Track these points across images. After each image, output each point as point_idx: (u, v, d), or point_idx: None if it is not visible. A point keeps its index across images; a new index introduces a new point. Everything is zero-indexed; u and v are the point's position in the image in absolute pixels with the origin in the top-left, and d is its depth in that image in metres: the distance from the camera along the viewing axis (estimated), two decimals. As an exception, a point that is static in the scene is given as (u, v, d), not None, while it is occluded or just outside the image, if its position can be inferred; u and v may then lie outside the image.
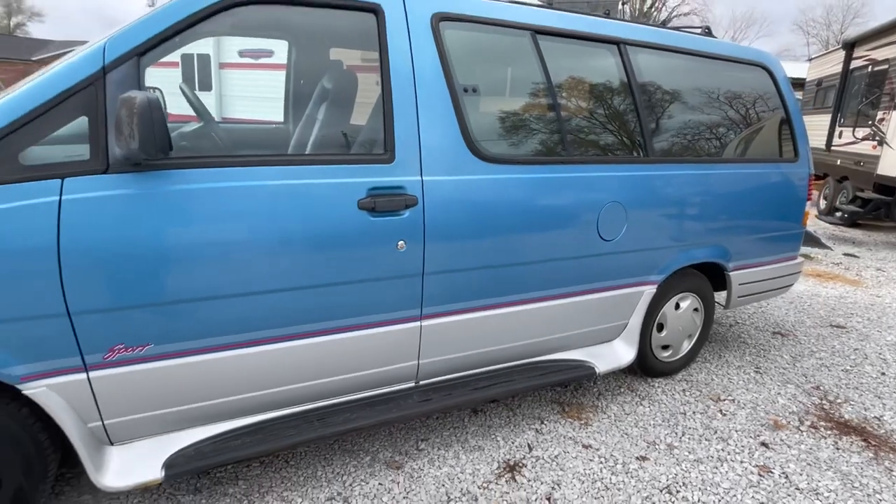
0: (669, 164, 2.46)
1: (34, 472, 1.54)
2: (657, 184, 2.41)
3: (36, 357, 1.45)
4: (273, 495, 1.88)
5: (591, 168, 2.22)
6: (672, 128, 2.54)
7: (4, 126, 1.35)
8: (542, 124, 2.19)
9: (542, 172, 2.09)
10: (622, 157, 2.36)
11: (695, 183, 2.54)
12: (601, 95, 2.37)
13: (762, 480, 2.10)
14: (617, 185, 2.28)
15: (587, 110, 2.33)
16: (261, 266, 1.64)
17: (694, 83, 2.65)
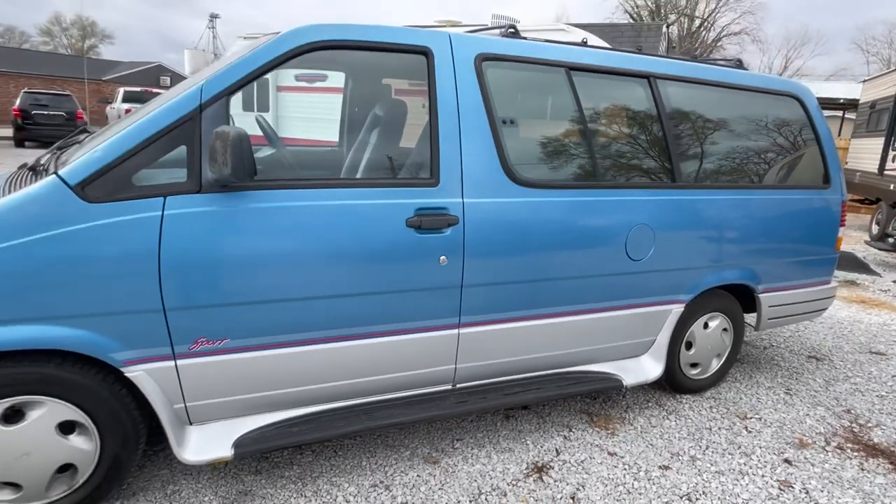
0: (697, 190, 2.60)
1: (128, 444, 1.82)
2: (684, 208, 2.55)
3: (135, 345, 1.73)
4: (323, 479, 2.10)
5: (620, 192, 2.39)
6: (700, 155, 2.69)
7: (122, 154, 1.66)
8: (574, 151, 2.39)
9: (572, 196, 2.28)
10: (650, 182, 2.52)
11: (722, 208, 2.66)
12: (631, 125, 2.54)
13: (782, 494, 2.19)
14: (645, 209, 2.45)
15: (617, 138, 2.51)
16: (323, 274, 1.89)
17: (722, 113, 2.79)
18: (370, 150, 2.37)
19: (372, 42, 2.00)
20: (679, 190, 2.55)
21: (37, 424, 1.68)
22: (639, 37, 10.06)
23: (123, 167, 1.66)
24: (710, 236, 2.66)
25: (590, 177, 2.37)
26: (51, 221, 1.58)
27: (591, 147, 2.38)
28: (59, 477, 1.77)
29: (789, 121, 3.00)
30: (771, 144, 2.93)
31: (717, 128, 2.77)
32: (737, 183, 2.77)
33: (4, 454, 1.66)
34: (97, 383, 1.73)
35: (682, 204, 2.55)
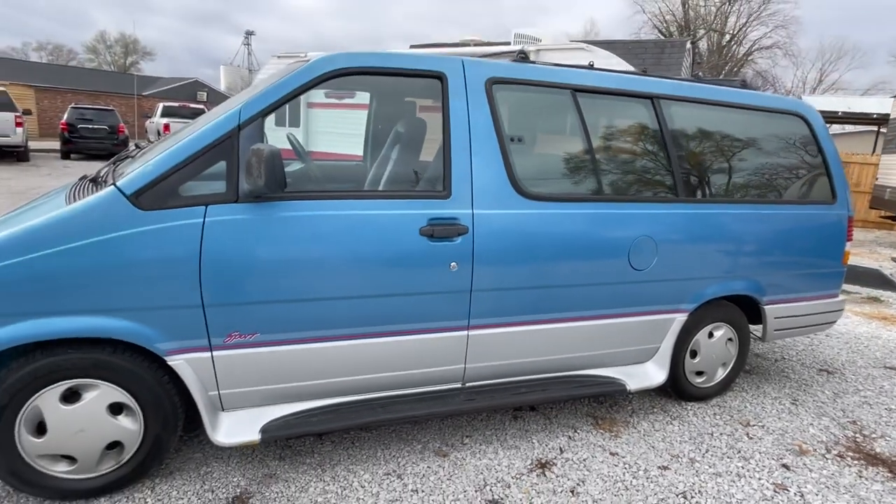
0: (699, 204, 2.73)
1: (168, 426, 2.04)
2: (686, 221, 2.68)
3: (177, 337, 1.95)
4: (341, 467, 2.29)
5: (622, 206, 2.54)
6: (701, 171, 2.82)
7: (171, 167, 1.89)
8: (578, 167, 2.55)
9: (576, 208, 2.44)
10: (653, 196, 2.66)
11: (724, 222, 2.78)
12: (633, 142, 2.69)
13: (776, 496, 2.29)
14: (647, 222, 2.59)
15: (620, 155, 2.66)
16: (344, 277, 2.09)
17: (725, 131, 2.92)
18: (391, 165, 2.58)
19: (392, 68, 2.22)
20: (681, 204, 2.69)
21: (91, 405, 1.91)
22: (662, 53, 10.16)
23: (172, 179, 1.89)
24: (711, 249, 2.77)
25: (593, 191, 2.53)
26: (109, 226, 1.82)
27: (595, 163, 2.54)
28: (108, 453, 1.99)
29: (794, 139, 3.10)
30: (774, 161, 3.04)
31: (719, 145, 2.90)
32: (739, 198, 2.88)
33: (63, 430, 1.89)
34: (143, 370, 1.95)
35: (683, 218, 2.68)
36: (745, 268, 2.90)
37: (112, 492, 2.03)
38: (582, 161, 2.55)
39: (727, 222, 2.80)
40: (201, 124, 2.04)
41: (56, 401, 1.88)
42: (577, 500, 2.17)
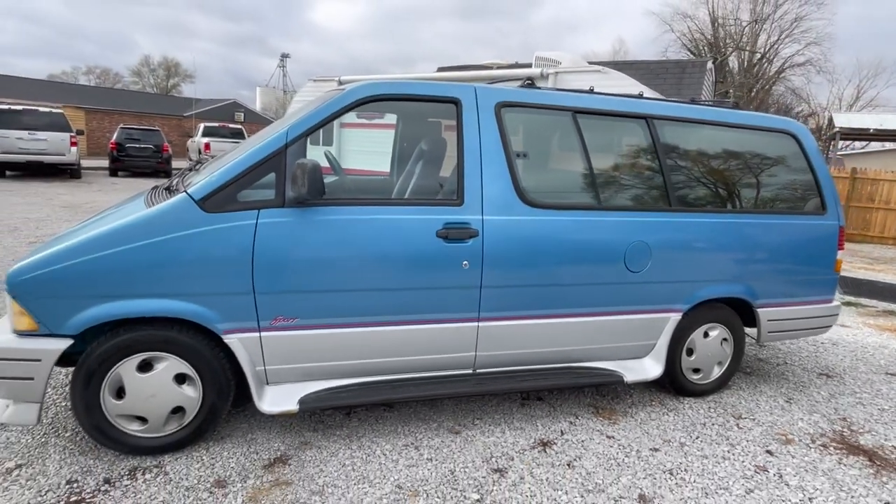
0: (690, 213, 3.02)
1: (222, 395, 2.41)
2: (679, 229, 2.97)
3: (232, 319, 2.34)
4: (366, 438, 2.62)
5: (618, 214, 2.85)
6: (693, 183, 3.10)
7: (232, 178, 2.29)
8: (578, 179, 2.87)
9: (575, 216, 2.76)
10: (647, 205, 2.96)
11: (715, 229, 3.05)
12: (629, 157, 3.01)
13: (756, 475, 2.53)
14: (642, 229, 2.88)
15: (616, 169, 2.98)
16: (371, 272, 2.45)
17: (717, 147, 3.20)
18: (415, 177, 2.95)
19: (415, 95, 2.60)
20: (673, 213, 2.98)
21: (161, 374, 2.31)
22: (683, 73, 10.39)
23: (232, 188, 2.29)
24: (702, 254, 3.04)
25: (591, 200, 2.84)
26: (181, 225, 2.22)
27: (593, 175, 2.87)
28: (172, 416, 2.38)
29: (784, 154, 3.36)
30: (763, 175, 3.30)
31: (710, 160, 3.18)
32: (728, 208, 3.15)
33: (138, 394, 2.28)
34: (203, 347, 2.34)
35: (675, 225, 2.97)
36: (737, 272, 3.16)
37: (174, 451, 2.41)
38: (581, 174, 2.87)
39: (717, 230, 3.07)
40: (254, 143, 2.45)
41: (133, 370, 2.28)
42: (572, 472, 2.46)
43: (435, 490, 2.27)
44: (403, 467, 2.42)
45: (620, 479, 2.43)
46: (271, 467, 2.36)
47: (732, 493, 2.38)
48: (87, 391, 2.24)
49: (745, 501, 2.32)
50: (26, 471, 2.23)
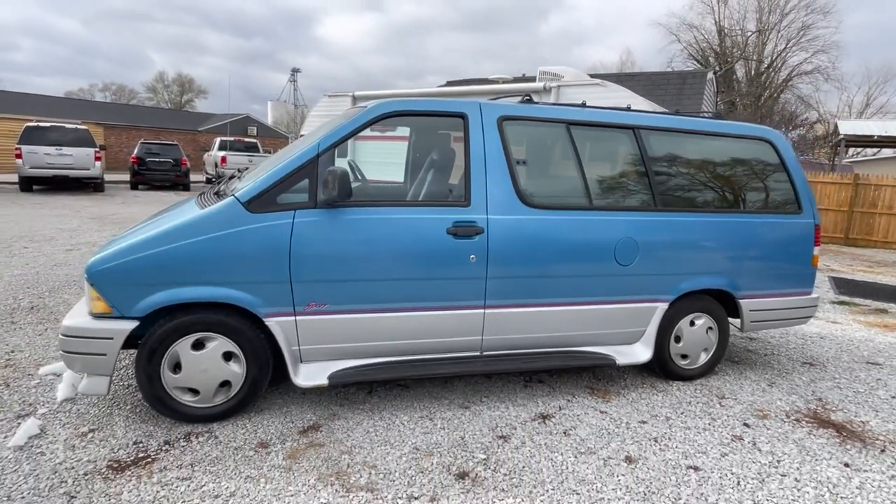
0: (674, 213, 3.36)
1: (262, 371, 2.78)
2: (663, 227, 3.32)
3: (272, 304, 2.71)
4: (387, 412, 2.98)
5: (608, 213, 3.21)
6: (676, 186, 3.45)
7: (273, 183, 2.68)
8: (572, 183, 3.23)
9: (570, 215, 3.12)
10: (634, 206, 3.31)
11: (696, 227, 3.40)
12: (618, 163, 3.37)
13: (732, 442, 2.85)
14: (630, 226, 3.24)
15: (606, 173, 3.34)
16: (390, 264, 2.82)
17: (699, 153, 3.55)
18: (427, 183, 3.32)
19: (428, 110, 2.99)
20: (659, 212, 3.33)
21: (211, 352, 2.69)
22: (684, 84, 10.75)
23: (273, 191, 2.68)
24: (686, 249, 3.38)
25: (584, 201, 3.20)
26: (230, 223, 2.61)
27: (585, 179, 3.23)
28: (220, 389, 2.75)
29: (762, 159, 3.71)
30: (742, 178, 3.65)
31: (692, 165, 3.53)
32: (709, 208, 3.49)
33: (194, 368, 2.66)
34: (247, 328, 2.72)
35: (661, 224, 3.32)
36: (718, 266, 3.49)
37: (222, 420, 2.78)
38: (574, 178, 3.23)
39: (699, 228, 3.41)
40: (289, 154, 2.84)
41: (188, 347, 2.66)
42: (567, 439, 2.80)
43: (447, 451, 2.62)
44: (420, 434, 2.77)
45: (610, 445, 2.76)
46: (306, 433, 2.72)
47: (709, 455, 2.71)
48: (150, 365, 2.62)
49: (720, 462, 2.65)
50: (98, 434, 2.62)
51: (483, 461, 2.55)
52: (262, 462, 2.45)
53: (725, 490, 2.42)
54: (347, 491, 2.27)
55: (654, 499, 2.33)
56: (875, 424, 3.17)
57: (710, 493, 2.39)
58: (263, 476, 2.35)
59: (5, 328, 4.01)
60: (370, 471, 2.43)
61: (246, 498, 2.20)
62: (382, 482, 2.35)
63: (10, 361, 3.42)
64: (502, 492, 2.32)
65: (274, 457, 2.50)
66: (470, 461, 2.55)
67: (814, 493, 2.43)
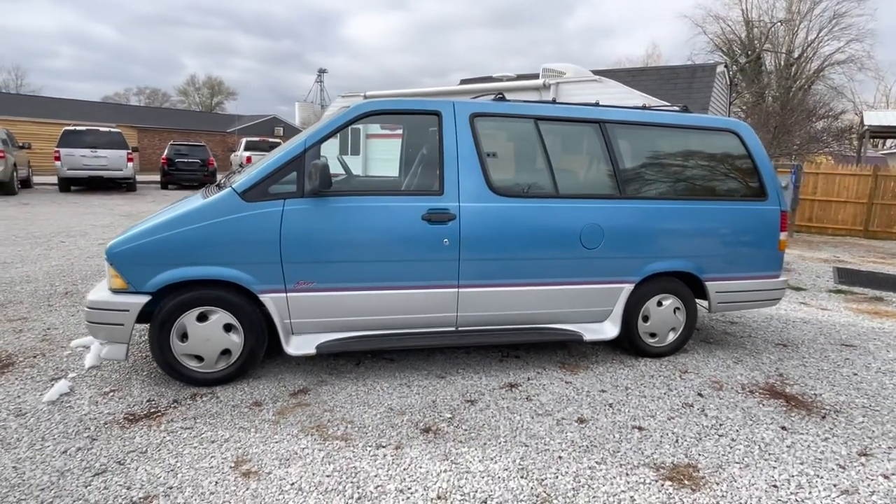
0: (639, 200, 3.62)
1: (258, 341, 3.17)
2: (627, 213, 3.58)
3: (266, 282, 3.09)
4: (369, 380, 3.33)
5: (574, 201, 3.49)
6: (641, 175, 3.71)
7: (265, 176, 3.06)
8: (539, 173, 3.53)
9: (536, 203, 3.42)
10: (599, 194, 3.58)
11: (660, 214, 3.65)
12: (584, 155, 3.64)
13: (682, 408, 3.11)
14: (594, 213, 3.51)
15: (572, 164, 3.62)
16: (370, 246, 3.17)
17: (665, 144, 3.80)
18: (409, 175, 3.66)
19: (404, 109, 3.33)
20: (623, 200, 3.59)
21: (214, 324, 3.08)
22: (693, 77, 10.82)
23: (265, 183, 3.06)
24: (650, 234, 3.64)
25: (550, 190, 3.49)
26: (228, 211, 3.00)
27: (552, 170, 3.51)
28: (221, 357, 3.14)
29: (728, 150, 3.93)
30: (707, 167, 3.88)
31: (658, 155, 3.78)
32: (675, 196, 3.74)
33: (197, 338, 3.05)
34: (245, 303, 3.10)
35: (625, 210, 3.58)
36: (683, 250, 3.74)
37: (224, 384, 3.17)
38: (541, 168, 3.53)
39: (663, 214, 3.66)
40: (281, 150, 3.22)
41: (194, 319, 3.06)
42: (529, 403, 3.11)
43: (418, 411, 2.96)
44: (396, 398, 3.12)
45: (567, 408, 3.06)
46: (295, 395, 3.10)
47: (657, 419, 2.98)
48: (161, 334, 3.03)
49: (665, 424, 2.92)
50: (118, 394, 3.04)
51: (448, 419, 2.88)
52: (254, 417, 2.83)
53: (663, 445, 2.70)
54: (325, 439, 2.63)
55: (595, 451, 2.62)
56: (827, 396, 3.39)
57: (647, 447, 2.67)
58: (254, 427, 2.73)
59: (43, 310, 4.50)
60: (347, 424, 2.78)
61: (238, 443, 2.58)
62: (356, 433, 2.70)
63: (46, 336, 3.89)
64: (460, 443, 2.65)
65: (265, 413, 2.88)
66: (437, 419, 2.88)
67: (744, 449, 2.68)
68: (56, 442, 2.52)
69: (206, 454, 2.47)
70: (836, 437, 2.85)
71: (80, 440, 2.55)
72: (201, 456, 2.46)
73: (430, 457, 2.51)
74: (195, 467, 2.37)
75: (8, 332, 3.96)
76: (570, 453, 2.59)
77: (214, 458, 2.44)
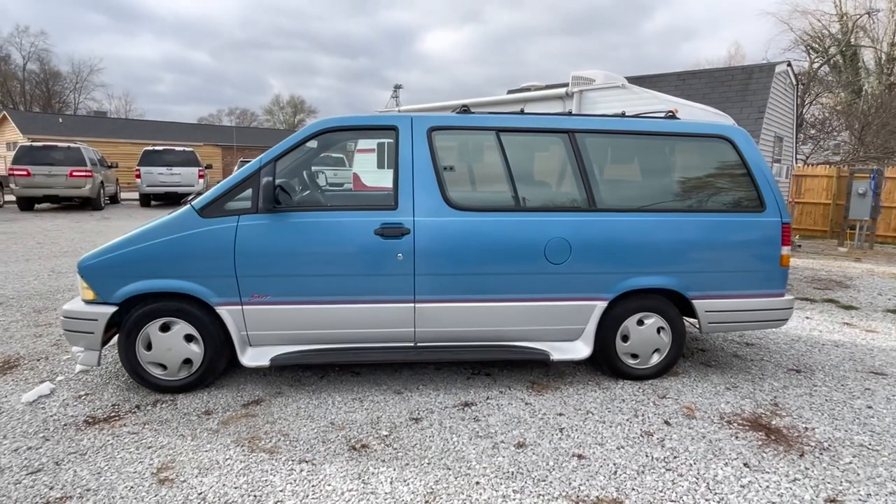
0: (612, 213, 3.43)
1: (217, 352, 3.29)
2: (598, 227, 3.39)
3: (222, 295, 3.21)
4: (325, 393, 3.37)
5: (536, 214, 3.36)
6: (615, 185, 3.51)
7: (221, 193, 3.19)
8: (498, 186, 3.43)
9: (495, 216, 3.32)
10: (566, 206, 3.42)
11: (637, 227, 3.43)
12: (549, 165, 3.50)
13: (638, 438, 2.89)
14: (560, 227, 3.36)
15: (536, 176, 3.49)
16: (323, 261, 3.21)
17: (645, 154, 3.58)
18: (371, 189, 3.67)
19: (359, 125, 3.37)
20: (593, 213, 3.41)
21: (176, 334, 3.24)
22: (749, 79, 10.08)
23: (221, 200, 3.19)
24: (625, 249, 3.42)
25: (511, 203, 3.39)
26: (186, 227, 3.16)
27: (514, 182, 3.40)
28: (183, 366, 3.30)
29: (719, 158, 3.63)
30: (694, 177, 3.60)
31: (637, 165, 3.56)
32: (654, 207, 3.50)
33: (161, 347, 3.22)
34: (204, 315, 3.24)
35: (595, 224, 3.40)
36: (665, 266, 3.48)
37: (186, 391, 3.32)
38: (502, 181, 3.43)
39: (641, 228, 3.43)
40: (240, 168, 3.35)
41: (157, 330, 3.23)
42: (475, 424, 3.01)
43: (358, 427, 2.95)
44: (343, 412, 3.13)
45: (512, 431, 2.93)
46: (247, 406, 3.19)
47: (605, 447, 2.79)
48: (128, 343, 3.23)
49: (611, 453, 2.72)
50: (90, 397, 3.27)
51: (384, 437, 2.85)
52: (198, 425, 2.94)
53: (597, 476, 2.52)
54: (252, 451, 2.69)
55: (519, 478, 2.50)
56: (820, 431, 3.02)
57: (578, 477, 2.51)
58: (193, 435, 2.83)
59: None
60: (281, 438, 2.83)
61: (171, 450, 2.69)
62: (285, 447, 2.73)
63: (57, 342, 4.26)
64: (381, 462, 2.61)
65: (210, 422, 2.98)
66: (372, 436, 2.86)
67: (687, 487, 2.45)
68: (13, 440, 2.75)
69: (135, 459, 2.60)
70: (806, 479, 2.54)
71: (34, 440, 2.76)
72: (131, 461, 2.58)
73: (343, 475, 2.50)
74: (120, 471, 2.50)
75: (29, 336, 4.38)
76: (491, 480, 2.48)
77: (142, 464, 2.56)
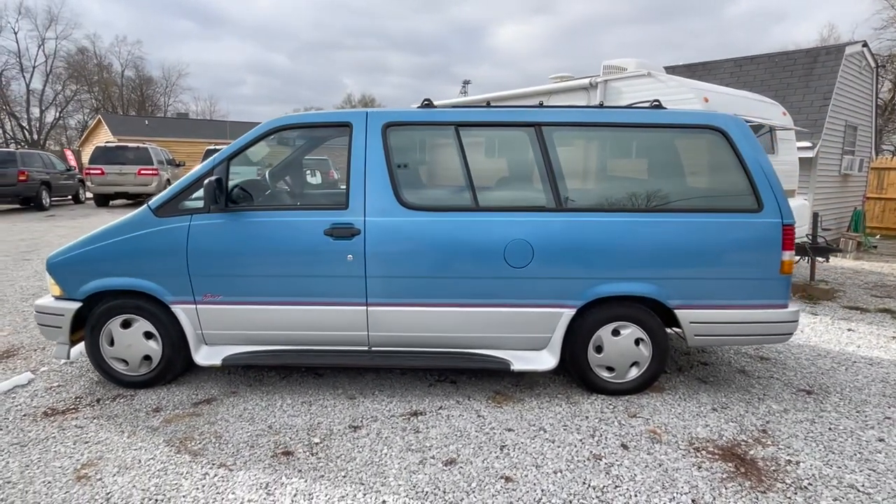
0: (579, 213, 3.15)
1: (175, 350, 3.33)
2: (564, 228, 3.13)
3: (176, 293, 3.24)
4: (278, 395, 3.32)
5: (494, 214, 3.14)
6: (588, 184, 3.22)
7: (175, 193, 3.22)
8: (456, 184, 3.23)
9: (450, 216, 3.14)
10: (528, 206, 3.18)
11: (608, 228, 3.13)
12: (511, 162, 3.26)
13: (584, 461, 2.62)
14: (521, 227, 3.13)
15: (494, 173, 3.26)
16: (272, 262, 3.17)
17: (623, 148, 3.26)
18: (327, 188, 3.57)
19: (312, 122, 3.29)
20: (558, 213, 3.15)
21: (136, 331, 3.31)
22: (815, 62, 9.10)
23: (175, 200, 3.22)
24: (595, 253, 3.13)
25: (468, 202, 3.18)
26: (141, 226, 3.21)
27: (471, 181, 3.20)
28: (143, 362, 3.37)
29: (709, 151, 3.25)
30: (677, 173, 3.24)
31: (612, 160, 3.25)
32: (630, 207, 3.18)
33: (122, 343, 3.30)
34: (160, 313, 3.29)
35: (563, 225, 3.13)
36: (641, 271, 3.16)
37: (146, 387, 3.39)
38: (459, 179, 3.23)
39: (613, 229, 3.13)
40: (198, 166, 3.36)
41: (118, 326, 3.32)
42: (413, 436, 2.85)
43: (293, 432, 2.88)
44: (286, 416, 3.07)
45: (448, 447, 2.75)
46: (197, 405, 3.20)
47: (541, 470, 2.55)
48: (92, 338, 3.33)
49: (545, 478, 2.49)
50: (60, 389, 3.40)
51: (314, 445, 2.76)
52: (142, 423, 2.98)
53: (518, 501, 2.30)
54: (178, 452, 2.68)
55: (431, 498, 2.33)
56: (806, 466, 2.62)
57: (498, 501, 2.30)
58: (132, 433, 2.87)
59: (84, 308, 5.22)
60: (213, 439, 2.81)
61: (104, 447, 2.73)
62: (211, 449, 2.71)
63: (61, 332, 4.50)
64: (297, 472, 2.52)
65: (154, 420, 3.02)
66: (301, 443, 2.77)
67: (613, 523, 2.18)
68: (-31, 428, 2.90)
69: (67, 454, 2.66)
70: (763, 523, 2.20)
71: (-12, 428, 2.90)
72: (62, 455, 2.65)
73: (252, 484, 2.43)
74: (47, 466, 2.56)
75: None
76: (400, 499, 2.33)
77: (70, 459, 2.61)
